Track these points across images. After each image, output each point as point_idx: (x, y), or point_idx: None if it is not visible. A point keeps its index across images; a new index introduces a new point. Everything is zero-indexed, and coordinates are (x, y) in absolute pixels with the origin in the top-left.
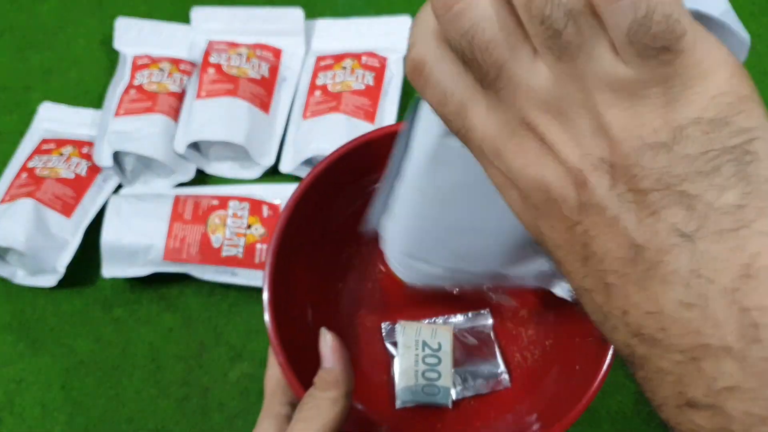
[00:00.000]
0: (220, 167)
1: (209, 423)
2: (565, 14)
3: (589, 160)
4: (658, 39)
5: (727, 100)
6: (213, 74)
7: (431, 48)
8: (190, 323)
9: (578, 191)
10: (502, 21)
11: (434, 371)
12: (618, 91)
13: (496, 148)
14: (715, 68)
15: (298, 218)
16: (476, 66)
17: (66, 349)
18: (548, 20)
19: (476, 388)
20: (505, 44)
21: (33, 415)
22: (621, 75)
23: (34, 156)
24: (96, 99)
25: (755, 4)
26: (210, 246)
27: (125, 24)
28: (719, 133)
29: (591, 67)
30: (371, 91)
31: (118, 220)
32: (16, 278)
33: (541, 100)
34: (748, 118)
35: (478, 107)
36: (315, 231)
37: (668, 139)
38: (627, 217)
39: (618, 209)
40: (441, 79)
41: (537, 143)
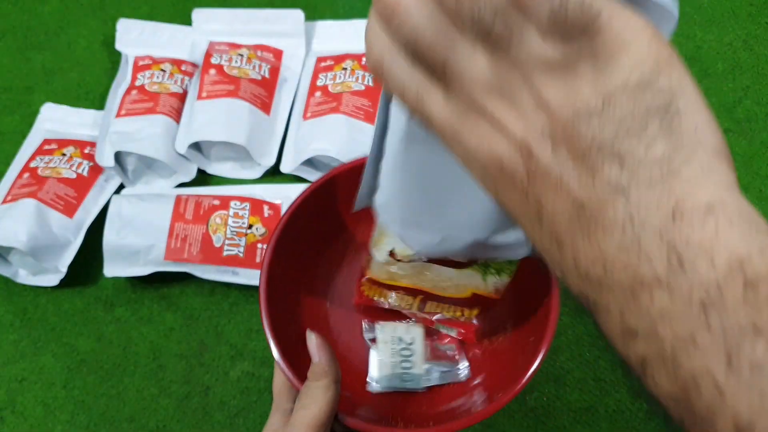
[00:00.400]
0: (221, 167)
1: (210, 422)
2: (492, 13)
3: (532, 132)
4: (576, 22)
5: (649, 65)
6: (214, 75)
7: (385, 49)
8: (191, 322)
9: (526, 161)
10: (437, 25)
11: (408, 361)
12: (551, 70)
13: (453, 132)
14: (634, 38)
15: (296, 224)
16: (424, 63)
17: (68, 348)
18: (478, 21)
19: (441, 379)
20: (445, 43)
21: (35, 414)
22: (551, 57)
23: (36, 156)
24: (98, 99)
25: (753, 5)
26: (211, 246)
27: (127, 25)
28: (644, 95)
29: (524, 53)
30: (371, 92)
31: (119, 220)
32: (18, 278)
33: (485, 85)
34: (669, 77)
35: (434, 97)
36: (310, 235)
37: (599, 105)
38: (569, 178)
39: (561, 172)
40: (397, 76)
41: (487, 123)
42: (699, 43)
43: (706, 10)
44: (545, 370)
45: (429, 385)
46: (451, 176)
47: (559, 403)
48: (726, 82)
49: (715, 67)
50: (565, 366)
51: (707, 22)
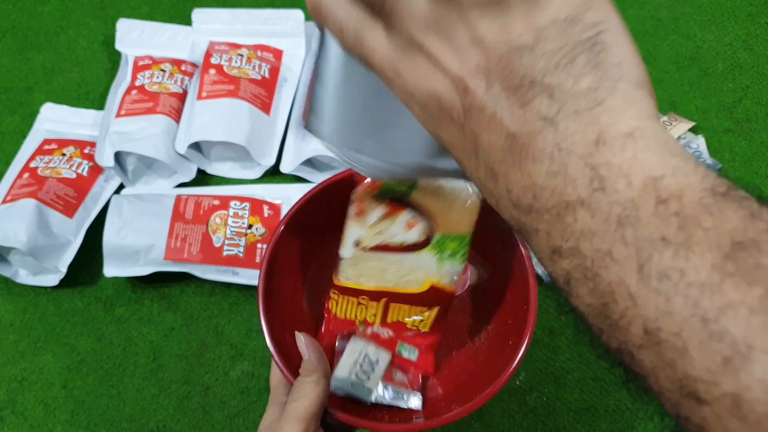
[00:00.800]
0: (221, 167)
1: (210, 421)
2: None
3: (468, 69)
4: None
5: (577, 1)
6: (214, 75)
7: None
8: (191, 322)
9: (462, 97)
10: None
11: (365, 374)
12: (486, 7)
13: (393, 69)
14: None
15: (298, 223)
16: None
17: (68, 348)
18: None
19: (392, 400)
20: None
21: (35, 413)
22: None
23: (36, 156)
24: (98, 100)
25: (753, 6)
26: (211, 245)
27: (127, 25)
28: (573, 30)
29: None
30: None
31: (119, 220)
32: (18, 278)
33: (423, 22)
34: (596, 13)
35: (373, 33)
36: (310, 234)
37: (531, 41)
38: (502, 112)
39: (495, 106)
40: (336, 14)
41: (426, 60)
42: (699, 43)
43: (706, 10)
44: (545, 369)
45: (377, 402)
46: (389, 104)
47: (559, 403)
48: (726, 82)
49: (714, 67)
50: (565, 366)
51: (707, 22)
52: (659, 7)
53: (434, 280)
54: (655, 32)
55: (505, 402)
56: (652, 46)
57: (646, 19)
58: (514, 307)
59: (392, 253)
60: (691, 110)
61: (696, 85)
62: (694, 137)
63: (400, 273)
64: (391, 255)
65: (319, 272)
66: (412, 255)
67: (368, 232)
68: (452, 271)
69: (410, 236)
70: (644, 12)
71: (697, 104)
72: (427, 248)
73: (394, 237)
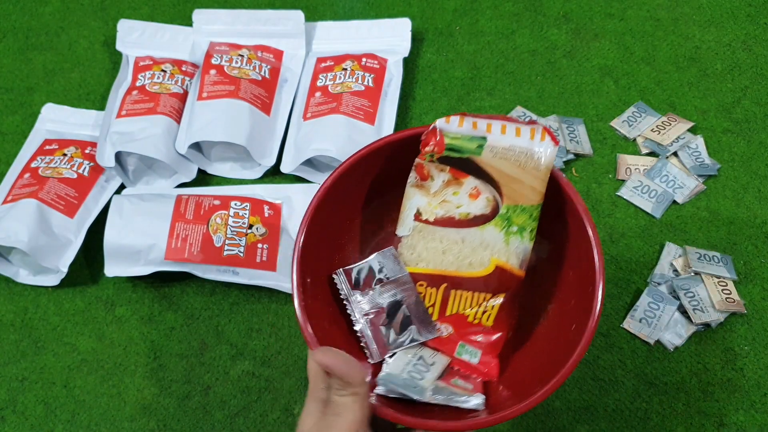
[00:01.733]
0: (221, 167)
1: (210, 421)
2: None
3: None
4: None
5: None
6: (214, 75)
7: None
8: (191, 322)
9: None
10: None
11: (419, 374)
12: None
13: None
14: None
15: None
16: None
17: (68, 347)
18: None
19: (446, 401)
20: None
21: (35, 413)
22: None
23: (37, 156)
24: (98, 100)
25: (752, 6)
26: (211, 245)
27: (128, 26)
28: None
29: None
30: (371, 92)
31: (120, 220)
32: (19, 277)
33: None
34: None
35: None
36: (341, 214)
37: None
38: None
39: None
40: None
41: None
42: (698, 44)
43: (705, 10)
44: None
45: (431, 402)
46: None
47: (558, 403)
48: (725, 83)
49: (714, 68)
50: None
51: (706, 22)
52: (658, 8)
53: (500, 261)
54: (654, 33)
55: None
56: (651, 46)
57: (645, 20)
58: (577, 287)
59: (455, 229)
60: (690, 110)
61: (695, 86)
62: (693, 137)
63: (463, 254)
64: (453, 231)
65: (351, 253)
66: (476, 230)
67: (431, 200)
68: (520, 249)
69: (475, 207)
70: (643, 12)
71: (696, 104)
72: (493, 222)
73: (459, 208)
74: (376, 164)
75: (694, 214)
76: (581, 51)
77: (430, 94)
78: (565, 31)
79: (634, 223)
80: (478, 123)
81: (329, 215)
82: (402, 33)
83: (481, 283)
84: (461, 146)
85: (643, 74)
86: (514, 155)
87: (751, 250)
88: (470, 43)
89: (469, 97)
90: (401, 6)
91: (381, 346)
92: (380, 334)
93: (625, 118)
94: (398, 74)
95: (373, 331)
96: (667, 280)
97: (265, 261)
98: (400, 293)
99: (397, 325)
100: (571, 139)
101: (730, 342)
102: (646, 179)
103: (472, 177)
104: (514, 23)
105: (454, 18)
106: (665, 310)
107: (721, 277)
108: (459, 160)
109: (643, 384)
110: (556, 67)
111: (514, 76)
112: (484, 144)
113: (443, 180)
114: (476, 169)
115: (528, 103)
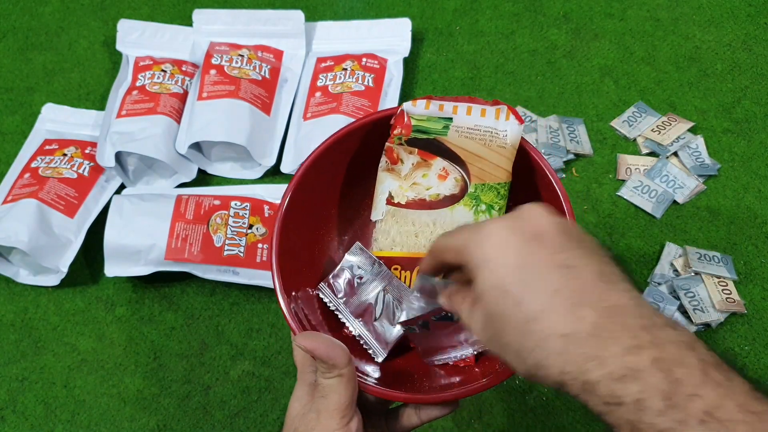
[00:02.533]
0: (221, 167)
1: (210, 421)
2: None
3: None
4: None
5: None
6: (215, 76)
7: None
8: (191, 322)
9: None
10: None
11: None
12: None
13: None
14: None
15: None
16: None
17: (68, 347)
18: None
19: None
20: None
21: (35, 413)
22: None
23: (37, 156)
24: (98, 100)
25: (752, 6)
26: (212, 245)
27: (128, 26)
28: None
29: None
30: (371, 92)
31: (120, 220)
32: (19, 277)
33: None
34: None
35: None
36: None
37: None
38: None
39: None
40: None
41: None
42: (698, 44)
43: (705, 10)
44: None
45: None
46: None
47: (558, 403)
48: (725, 83)
49: (714, 68)
50: None
51: (706, 22)
52: (658, 8)
53: None
54: (654, 33)
55: (505, 401)
56: (651, 46)
57: (645, 20)
58: None
59: (427, 211)
60: (690, 110)
61: (695, 86)
62: (693, 137)
63: (435, 236)
64: (425, 213)
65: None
66: (447, 211)
67: (402, 183)
68: None
69: (445, 187)
70: (643, 12)
71: (696, 104)
72: (462, 201)
73: (429, 189)
74: (349, 150)
75: (694, 214)
76: (581, 51)
77: (430, 94)
78: (565, 31)
79: (635, 223)
80: (444, 105)
81: (305, 206)
82: (402, 33)
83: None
84: (427, 127)
85: (643, 74)
86: (479, 134)
87: (751, 250)
88: (470, 43)
89: None
90: (401, 6)
91: (381, 342)
92: (377, 331)
93: (625, 118)
94: (398, 74)
95: (371, 331)
96: (667, 280)
97: (265, 261)
98: (380, 283)
99: (389, 315)
100: (571, 139)
101: (731, 342)
102: (646, 179)
103: (440, 158)
104: (514, 23)
105: (454, 18)
106: (665, 310)
107: (722, 277)
108: (426, 141)
109: None
110: (556, 67)
111: (514, 76)
112: (450, 124)
113: (413, 163)
114: (443, 150)
115: (528, 103)
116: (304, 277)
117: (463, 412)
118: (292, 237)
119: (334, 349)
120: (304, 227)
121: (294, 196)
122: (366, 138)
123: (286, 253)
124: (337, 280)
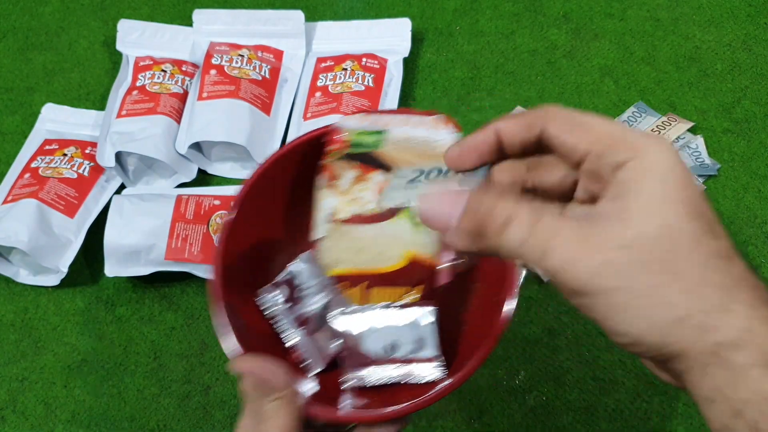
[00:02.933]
0: (221, 167)
1: (211, 421)
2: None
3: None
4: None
5: None
6: (215, 76)
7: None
8: (191, 322)
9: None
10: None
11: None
12: None
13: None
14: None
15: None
16: None
17: (68, 347)
18: None
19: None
20: None
21: (36, 413)
22: None
23: (37, 156)
24: (98, 100)
25: (752, 6)
26: (212, 245)
27: (128, 26)
28: None
29: None
30: (371, 92)
31: (120, 220)
32: (19, 277)
33: None
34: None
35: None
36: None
37: None
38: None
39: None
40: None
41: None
42: (698, 44)
43: (705, 10)
44: (545, 369)
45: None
46: None
47: (558, 403)
48: (725, 83)
49: (714, 68)
50: (565, 365)
51: (706, 22)
52: (658, 8)
53: (413, 252)
54: (654, 33)
55: (505, 401)
56: (651, 46)
57: (645, 20)
58: (498, 271)
59: (369, 225)
60: (690, 110)
61: (695, 86)
62: (693, 137)
63: (377, 249)
64: (367, 228)
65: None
66: (387, 224)
67: (342, 199)
68: (429, 238)
69: None
70: (643, 12)
71: (696, 104)
72: (401, 213)
73: (368, 204)
74: (286, 173)
75: None
76: (581, 51)
77: (430, 94)
78: (565, 31)
79: None
80: (378, 119)
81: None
82: (402, 33)
83: (398, 277)
84: (361, 141)
85: (643, 74)
86: (415, 145)
87: (751, 250)
88: (470, 43)
89: (469, 97)
90: (401, 6)
91: (321, 354)
92: (318, 342)
93: (625, 118)
94: (398, 74)
95: (311, 341)
96: None
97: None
98: (325, 296)
99: (329, 330)
100: None
101: None
102: None
103: (377, 172)
104: (514, 23)
105: (454, 18)
106: None
107: None
108: (362, 155)
109: (643, 384)
110: (556, 67)
111: (514, 76)
112: (384, 137)
113: (351, 178)
114: (379, 163)
115: (528, 103)
116: (248, 286)
117: (463, 412)
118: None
119: (270, 371)
120: (252, 235)
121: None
122: (305, 160)
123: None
124: (280, 287)
